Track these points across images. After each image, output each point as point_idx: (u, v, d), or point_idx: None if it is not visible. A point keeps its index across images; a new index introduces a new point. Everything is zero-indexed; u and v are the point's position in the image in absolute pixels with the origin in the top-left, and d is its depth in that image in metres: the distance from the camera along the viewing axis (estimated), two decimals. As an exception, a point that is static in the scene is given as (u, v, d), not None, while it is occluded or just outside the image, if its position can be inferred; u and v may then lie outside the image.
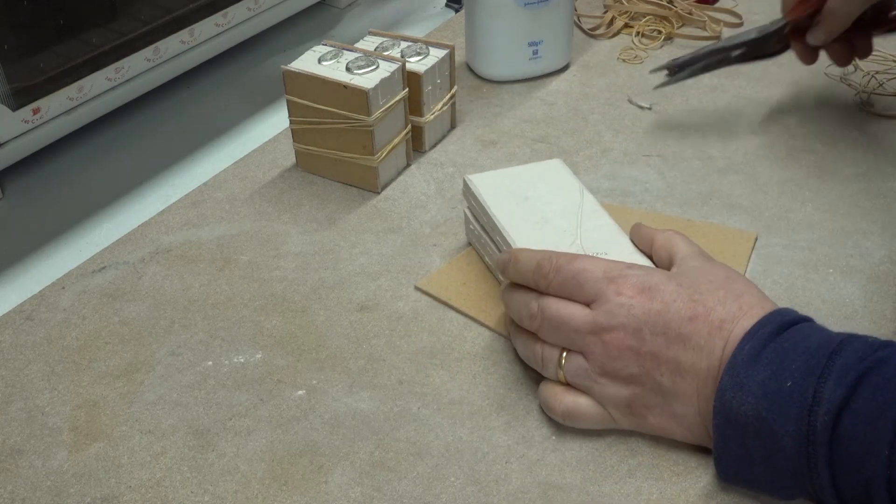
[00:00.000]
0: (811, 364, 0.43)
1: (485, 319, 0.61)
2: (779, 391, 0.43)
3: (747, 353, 0.45)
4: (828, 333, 0.46)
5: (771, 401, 0.44)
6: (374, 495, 0.50)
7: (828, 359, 0.43)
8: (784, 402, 0.43)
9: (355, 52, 0.72)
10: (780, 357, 0.45)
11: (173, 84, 0.97)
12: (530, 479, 0.51)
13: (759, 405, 0.44)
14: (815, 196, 0.71)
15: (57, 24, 0.80)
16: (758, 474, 0.46)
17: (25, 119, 0.83)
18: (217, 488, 0.51)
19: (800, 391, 0.43)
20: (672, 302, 0.49)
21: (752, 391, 0.44)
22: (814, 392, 0.42)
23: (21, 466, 0.53)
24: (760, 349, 0.45)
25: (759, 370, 0.45)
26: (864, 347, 0.44)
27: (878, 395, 0.41)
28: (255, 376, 0.58)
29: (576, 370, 0.51)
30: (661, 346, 0.48)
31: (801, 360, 0.44)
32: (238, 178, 0.76)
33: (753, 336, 0.46)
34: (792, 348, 0.45)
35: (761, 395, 0.44)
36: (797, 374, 0.43)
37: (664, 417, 0.50)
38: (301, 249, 0.68)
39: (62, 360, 0.59)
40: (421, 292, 0.64)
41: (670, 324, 0.48)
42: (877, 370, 0.42)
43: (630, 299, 0.49)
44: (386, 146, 0.72)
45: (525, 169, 0.65)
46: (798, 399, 0.43)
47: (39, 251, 0.79)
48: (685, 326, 0.48)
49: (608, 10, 0.98)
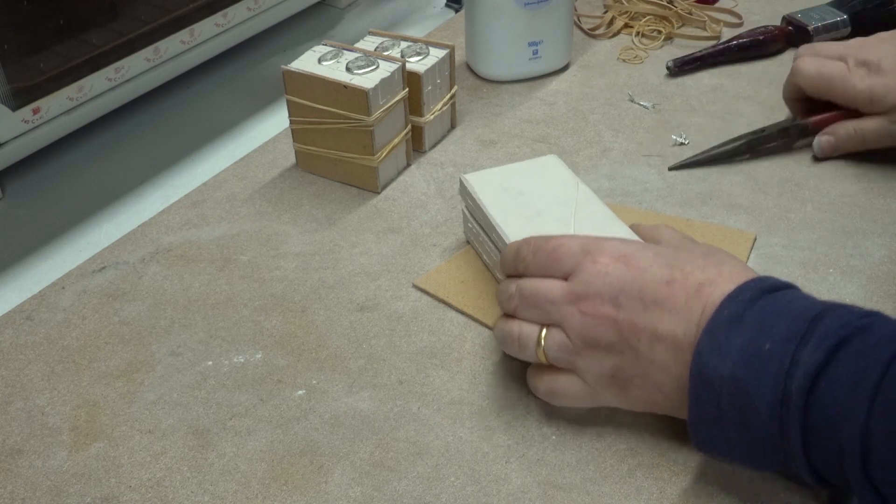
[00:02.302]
0: (792, 329, 0.43)
1: (482, 317, 0.61)
2: (757, 354, 0.43)
3: (727, 317, 0.45)
4: (811, 300, 0.46)
5: (748, 363, 0.43)
6: (374, 495, 0.50)
7: (809, 324, 0.43)
8: (761, 364, 0.43)
9: (355, 52, 0.72)
10: (760, 321, 0.44)
11: (173, 84, 0.97)
12: (530, 479, 0.51)
13: (736, 367, 0.43)
14: (815, 196, 0.71)
15: (57, 24, 0.80)
16: (731, 441, 0.45)
17: (25, 119, 0.83)
18: (217, 488, 0.51)
19: (778, 354, 0.42)
20: (648, 267, 0.49)
21: (729, 354, 0.44)
22: (792, 355, 0.42)
23: (21, 466, 0.53)
24: (741, 313, 0.45)
25: (738, 333, 0.44)
26: (848, 315, 0.43)
27: (858, 360, 0.41)
28: (255, 376, 0.58)
29: (556, 345, 0.51)
30: (638, 311, 0.48)
31: (783, 324, 0.43)
32: (238, 178, 0.76)
33: (734, 300, 0.45)
34: (773, 313, 0.44)
35: (739, 357, 0.43)
36: (777, 338, 0.43)
37: (645, 388, 0.49)
38: (301, 249, 0.68)
39: (62, 360, 0.60)
40: (420, 291, 0.64)
41: (646, 288, 0.48)
42: (859, 336, 0.42)
43: (606, 267, 0.49)
44: (386, 146, 0.72)
45: (521, 166, 0.65)
46: (776, 362, 0.42)
47: (39, 251, 0.79)
48: (661, 290, 0.48)
49: (608, 10, 0.98)
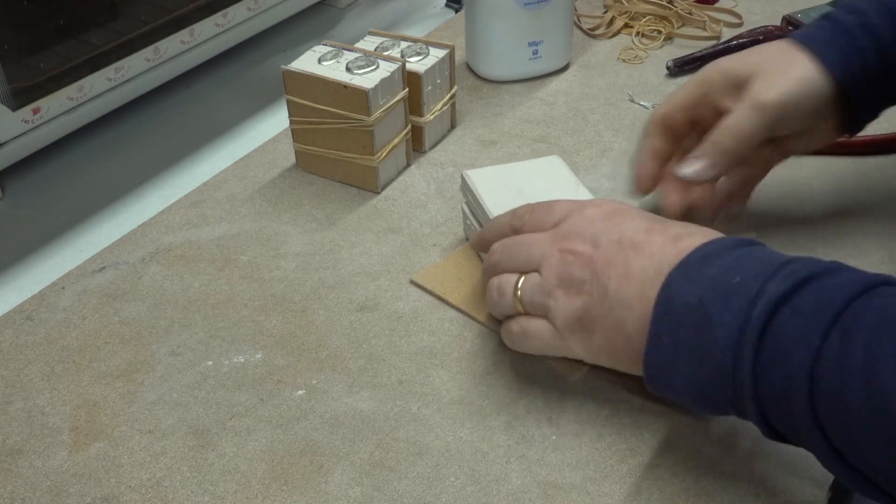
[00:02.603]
0: (764, 267, 0.45)
1: (477, 315, 0.61)
2: (725, 284, 0.45)
3: (702, 254, 0.47)
4: (781, 254, 0.47)
5: (715, 291, 0.45)
6: (374, 495, 0.50)
7: (781, 265, 0.45)
8: (728, 294, 0.44)
9: (355, 52, 0.72)
10: (735, 260, 0.46)
11: (173, 84, 0.97)
12: (530, 479, 0.51)
13: (704, 295, 0.45)
14: (815, 196, 0.71)
15: (57, 24, 0.81)
16: (684, 376, 0.46)
17: (25, 119, 0.83)
18: (217, 488, 0.51)
19: (745, 287, 0.44)
20: (632, 219, 0.52)
21: (699, 283, 0.46)
22: (758, 288, 0.44)
23: (21, 466, 0.53)
24: (715, 254, 0.47)
25: (710, 267, 0.46)
26: (818, 262, 0.45)
27: (822, 293, 0.42)
28: (255, 376, 0.58)
29: (531, 287, 0.53)
30: (614, 251, 0.50)
31: (756, 265, 0.45)
32: (238, 178, 0.76)
33: (711, 245, 0.48)
34: (747, 256, 0.46)
35: (708, 286, 0.45)
36: (747, 274, 0.45)
37: (608, 332, 0.50)
38: (301, 249, 0.68)
39: (62, 360, 0.60)
40: (418, 288, 0.64)
41: (626, 233, 0.51)
42: (825, 276, 0.43)
43: (592, 216, 0.53)
44: (386, 146, 0.72)
45: (523, 165, 0.66)
46: (742, 293, 0.44)
47: (39, 251, 0.79)
48: (640, 236, 0.50)
49: (608, 10, 0.98)
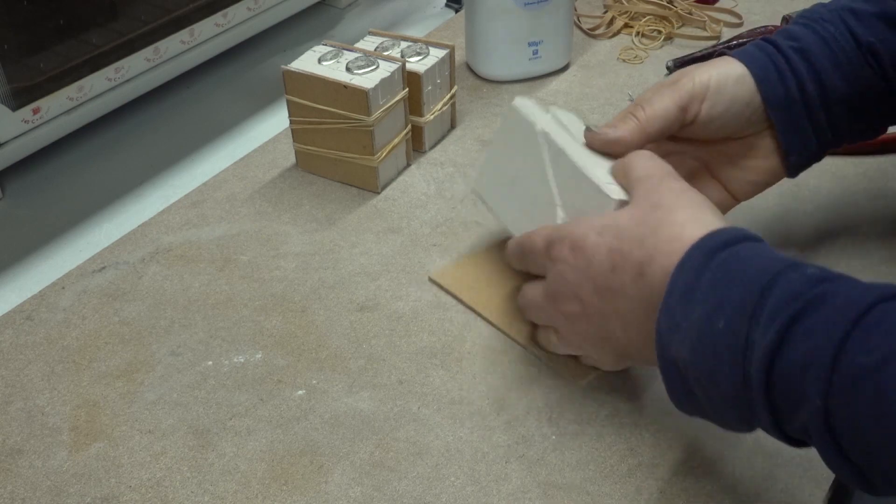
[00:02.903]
0: (744, 300, 0.42)
1: (491, 317, 0.61)
2: (712, 333, 0.43)
3: (681, 290, 0.45)
4: (761, 259, 0.44)
5: (705, 345, 0.43)
6: (374, 495, 0.50)
7: (760, 296, 0.42)
8: (718, 345, 0.43)
9: (355, 52, 0.72)
10: (713, 291, 0.44)
11: (173, 84, 0.97)
12: (530, 479, 0.51)
13: (695, 350, 0.44)
14: (815, 196, 0.71)
15: (57, 24, 0.80)
16: (708, 412, 0.46)
17: (25, 119, 0.82)
18: (217, 488, 0.51)
19: (732, 334, 0.42)
20: (593, 256, 0.50)
21: (687, 333, 0.44)
22: (746, 336, 0.42)
23: (21, 466, 0.53)
24: (694, 282, 0.44)
25: (693, 308, 0.44)
26: (800, 282, 0.42)
27: (808, 340, 0.40)
28: (255, 376, 0.58)
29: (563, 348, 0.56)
30: (597, 302, 0.51)
31: (735, 293, 0.43)
32: (238, 178, 0.76)
33: (683, 270, 0.45)
34: (724, 279, 0.44)
35: (696, 337, 0.43)
36: (729, 312, 0.42)
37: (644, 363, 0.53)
38: (301, 249, 0.68)
39: (62, 360, 0.60)
40: (433, 284, 0.64)
41: (596, 279, 0.50)
42: (809, 313, 0.40)
43: (563, 264, 0.52)
44: (386, 146, 0.72)
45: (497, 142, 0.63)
46: (731, 343, 0.42)
47: (39, 251, 0.79)
48: (609, 278, 0.49)
49: (608, 10, 0.98)
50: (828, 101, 0.57)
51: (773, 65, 0.56)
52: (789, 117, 0.57)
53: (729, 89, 0.56)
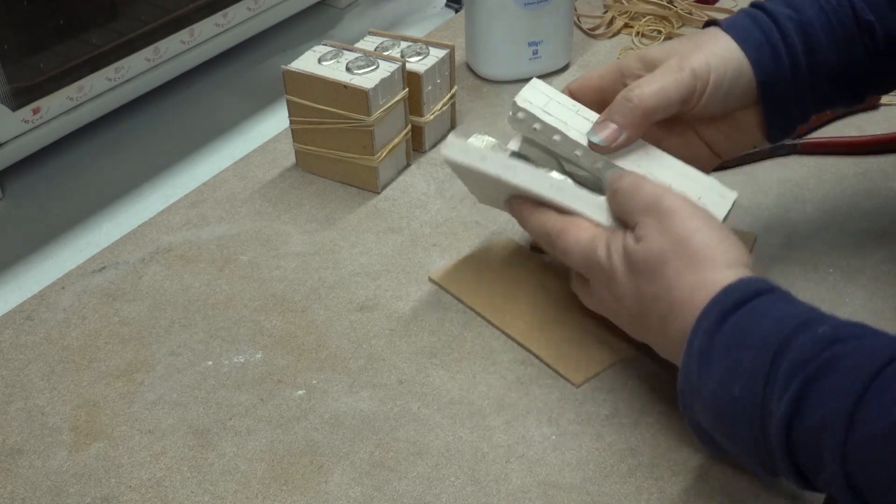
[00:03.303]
0: (757, 366, 0.43)
1: (492, 317, 0.61)
2: (730, 401, 0.44)
3: (697, 353, 0.45)
4: (773, 322, 0.44)
5: (725, 410, 0.44)
6: (374, 495, 0.50)
7: (772, 362, 0.42)
8: (736, 412, 0.44)
9: (355, 52, 0.72)
10: (727, 352, 0.44)
11: (173, 84, 0.97)
12: (530, 479, 0.51)
13: (715, 414, 0.45)
14: (815, 196, 0.71)
15: (57, 24, 0.80)
16: (741, 462, 0.48)
17: (25, 119, 0.83)
18: (217, 488, 0.51)
19: (749, 400, 0.43)
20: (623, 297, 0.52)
21: (707, 400, 0.45)
22: (762, 403, 0.42)
23: (21, 466, 0.53)
24: (709, 345, 0.45)
25: (710, 372, 0.45)
26: (811, 346, 0.42)
27: (821, 407, 0.40)
28: (255, 376, 0.58)
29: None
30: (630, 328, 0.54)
31: (748, 358, 0.43)
32: (238, 178, 0.76)
33: (698, 334, 0.46)
34: (737, 343, 0.44)
35: (715, 403, 0.45)
36: (744, 379, 0.43)
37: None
38: (301, 249, 0.68)
39: (62, 360, 0.59)
40: (433, 284, 0.64)
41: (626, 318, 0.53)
42: (821, 379, 0.41)
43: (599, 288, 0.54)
44: (386, 146, 0.72)
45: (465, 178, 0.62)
46: (749, 409, 0.43)
47: (39, 251, 0.79)
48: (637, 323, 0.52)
49: (608, 10, 0.98)
50: (817, 75, 0.57)
51: (767, 42, 0.55)
52: (778, 97, 0.57)
53: (727, 81, 0.55)
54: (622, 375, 0.57)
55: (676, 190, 0.53)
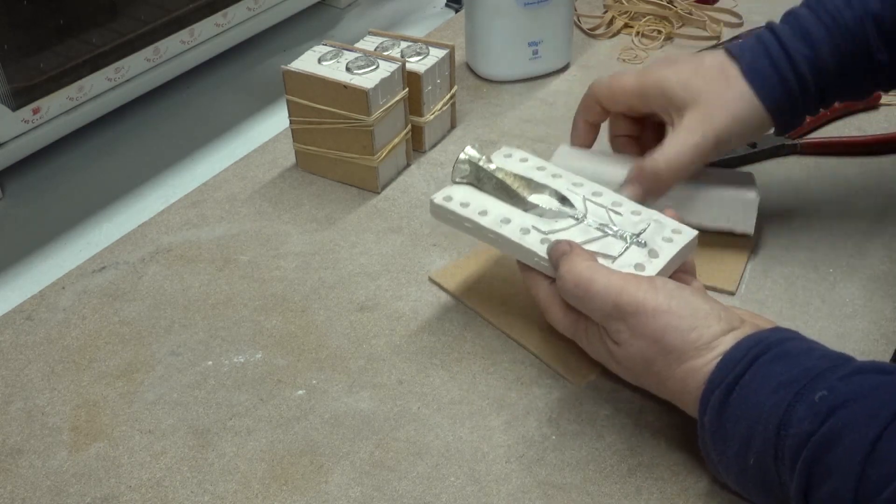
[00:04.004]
0: (764, 440, 0.44)
1: (491, 317, 0.61)
2: (747, 470, 0.45)
3: (709, 430, 0.47)
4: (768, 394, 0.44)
5: (746, 479, 0.46)
6: (374, 495, 0.50)
7: (776, 436, 0.43)
8: (756, 481, 0.45)
9: (355, 52, 0.72)
10: (736, 427, 0.45)
11: (173, 84, 0.97)
12: (530, 479, 0.51)
13: (737, 481, 0.47)
14: (815, 196, 0.71)
15: (57, 24, 0.80)
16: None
17: (25, 119, 0.83)
18: (217, 488, 0.51)
19: (764, 472, 0.45)
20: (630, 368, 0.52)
21: (726, 467, 0.47)
22: (776, 474, 0.44)
23: (21, 466, 0.53)
24: (718, 422, 0.46)
25: (724, 446, 0.46)
26: (810, 420, 0.42)
27: (829, 481, 0.41)
28: (255, 376, 0.58)
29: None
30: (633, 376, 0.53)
31: (756, 434, 0.44)
32: (238, 178, 0.76)
33: (706, 408, 0.47)
34: (744, 417, 0.45)
35: (736, 472, 0.46)
36: (755, 453, 0.45)
37: None
38: (301, 249, 0.68)
39: (62, 360, 0.60)
40: (433, 284, 0.64)
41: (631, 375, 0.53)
42: (824, 454, 0.42)
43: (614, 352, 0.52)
44: (386, 146, 0.72)
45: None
46: (766, 479, 0.45)
47: (39, 251, 0.79)
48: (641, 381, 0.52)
49: (608, 10, 0.98)
50: (824, 84, 0.58)
51: (781, 85, 0.57)
52: (788, 115, 0.59)
53: (746, 134, 0.59)
54: (622, 375, 0.57)
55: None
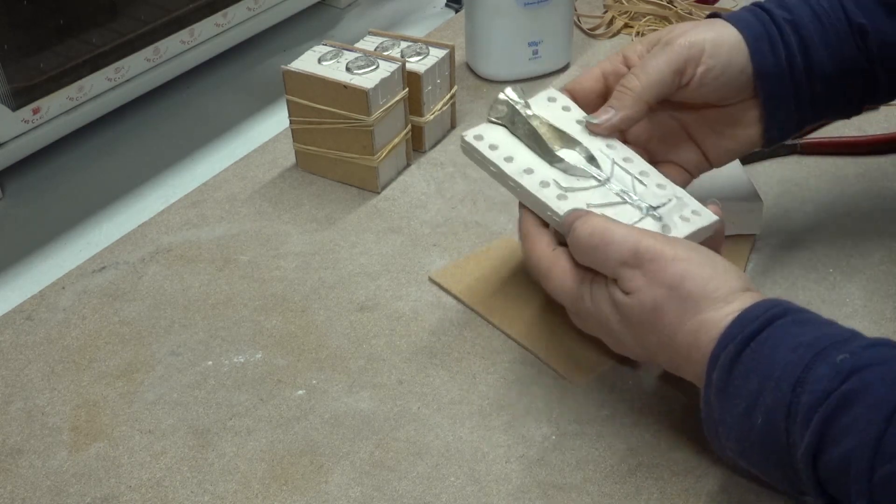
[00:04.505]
0: (776, 396, 0.42)
1: (491, 317, 0.61)
2: (753, 430, 0.43)
3: (716, 386, 0.45)
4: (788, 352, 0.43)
5: (749, 442, 0.44)
6: (374, 495, 0.50)
7: (792, 393, 0.42)
8: (762, 441, 0.43)
9: (355, 52, 0.72)
10: (746, 383, 0.44)
11: (173, 84, 0.97)
12: (530, 479, 0.51)
13: (740, 446, 0.45)
14: (815, 196, 0.71)
15: (57, 24, 0.80)
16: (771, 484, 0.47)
17: (25, 119, 0.83)
18: (217, 488, 0.51)
19: (772, 431, 0.43)
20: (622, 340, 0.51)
21: (730, 431, 0.45)
22: (785, 434, 0.42)
23: (21, 466, 0.53)
24: (727, 378, 0.45)
25: (731, 404, 0.44)
26: (830, 378, 0.41)
27: (845, 441, 0.40)
28: (255, 376, 0.58)
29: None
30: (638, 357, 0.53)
31: (768, 389, 0.43)
32: (238, 178, 0.76)
33: (716, 364, 0.45)
34: (756, 373, 0.43)
35: (738, 436, 0.45)
36: (765, 410, 0.43)
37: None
38: (301, 249, 0.68)
39: (62, 360, 0.60)
40: (433, 284, 0.64)
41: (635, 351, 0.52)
42: (842, 412, 0.40)
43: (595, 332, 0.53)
44: (386, 146, 0.72)
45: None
46: (773, 439, 0.43)
47: (39, 251, 0.79)
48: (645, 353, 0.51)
49: (608, 10, 0.98)
50: (812, 76, 0.56)
51: (766, 34, 0.56)
52: (775, 90, 0.56)
53: (724, 55, 0.55)
54: (622, 375, 0.57)
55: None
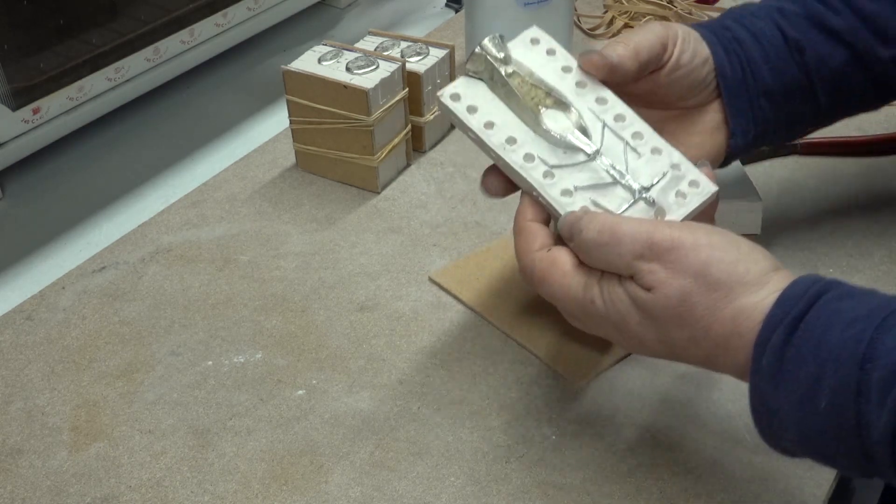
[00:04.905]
0: (842, 376, 0.40)
1: (491, 317, 0.61)
2: (816, 417, 0.41)
3: (768, 375, 0.42)
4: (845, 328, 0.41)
5: (812, 429, 0.41)
6: (374, 495, 0.50)
7: (860, 370, 0.39)
8: (826, 428, 0.41)
9: (355, 52, 0.72)
10: (803, 368, 0.41)
11: (173, 84, 0.97)
12: (530, 479, 0.51)
13: (801, 434, 0.42)
14: (815, 196, 0.71)
15: (57, 24, 0.80)
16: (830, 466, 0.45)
17: (25, 119, 0.82)
18: (217, 488, 0.51)
19: (839, 415, 0.40)
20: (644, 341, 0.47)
21: (788, 419, 0.42)
22: (857, 415, 0.39)
23: (21, 466, 0.53)
24: (779, 364, 0.42)
25: (787, 392, 0.41)
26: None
27: None
28: (255, 376, 0.58)
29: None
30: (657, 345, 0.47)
31: (830, 370, 0.40)
32: (238, 178, 0.76)
33: (765, 349, 0.42)
34: (813, 356, 0.41)
35: (798, 423, 0.42)
36: (829, 391, 0.40)
37: None
38: (301, 249, 0.68)
39: (62, 360, 0.59)
40: (433, 284, 0.64)
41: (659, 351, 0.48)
42: None
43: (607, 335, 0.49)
44: (386, 146, 0.72)
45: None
46: (840, 422, 0.40)
47: (39, 251, 0.79)
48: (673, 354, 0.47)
49: (608, 10, 0.98)
50: (758, 91, 0.56)
51: (719, 41, 0.57)
52: (734, 90, 0.56)
53: (693, 42, 0.56)
54: (622, 375, 0.57)
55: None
